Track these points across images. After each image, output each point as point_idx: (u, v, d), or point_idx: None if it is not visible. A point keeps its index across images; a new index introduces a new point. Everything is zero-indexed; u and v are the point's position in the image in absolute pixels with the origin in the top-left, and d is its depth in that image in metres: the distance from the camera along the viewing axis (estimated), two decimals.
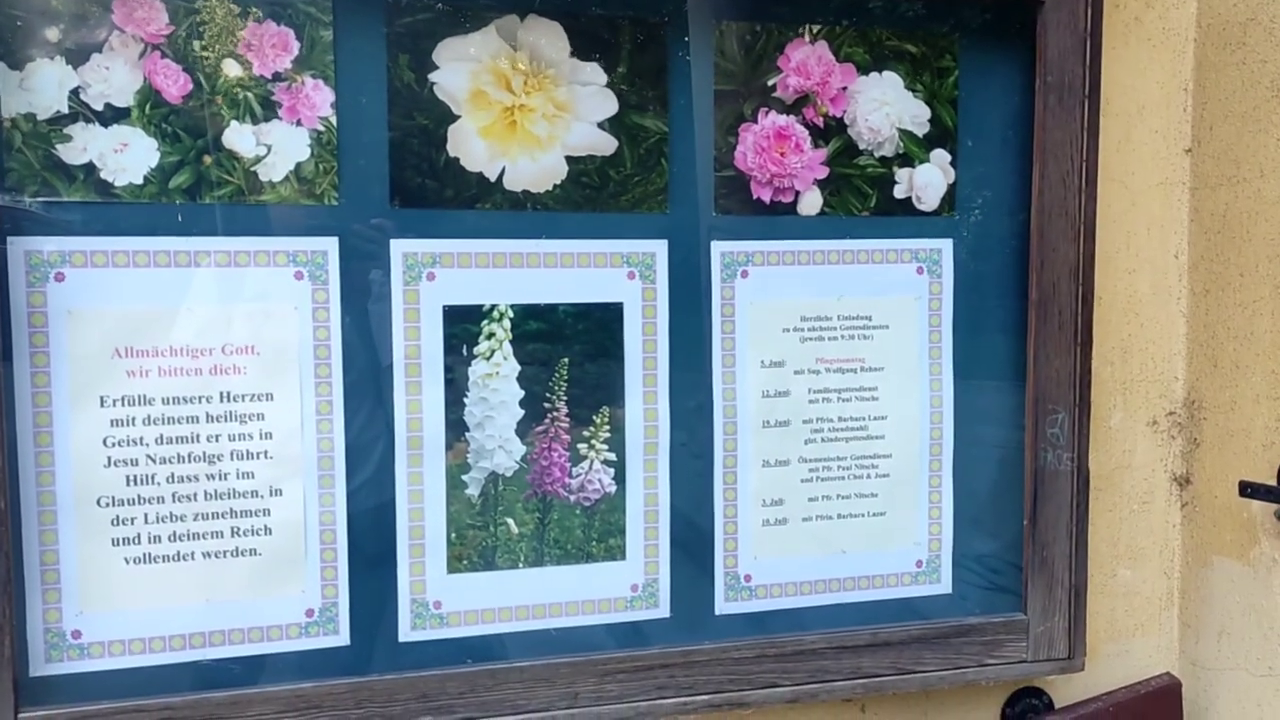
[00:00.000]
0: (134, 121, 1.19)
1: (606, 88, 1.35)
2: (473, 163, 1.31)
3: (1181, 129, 1.58)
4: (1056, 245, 1.45)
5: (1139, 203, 1.57)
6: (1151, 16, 1.55)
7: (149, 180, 1.20)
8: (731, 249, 1.42)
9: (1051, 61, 1.43)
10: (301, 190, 1.25)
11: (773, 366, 1.43)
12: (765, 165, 1.42)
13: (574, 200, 1.35)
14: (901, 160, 1.46)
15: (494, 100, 1.32)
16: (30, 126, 1.16)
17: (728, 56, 1.40)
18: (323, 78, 1.25)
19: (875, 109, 1.45)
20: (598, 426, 1.37)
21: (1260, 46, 1.46)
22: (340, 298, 1.27)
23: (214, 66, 1.21)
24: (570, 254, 1.36)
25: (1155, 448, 1.60)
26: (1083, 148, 1.44)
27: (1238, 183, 1.50)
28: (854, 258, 1.46)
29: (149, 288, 1.20)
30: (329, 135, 1.26)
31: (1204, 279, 1.56)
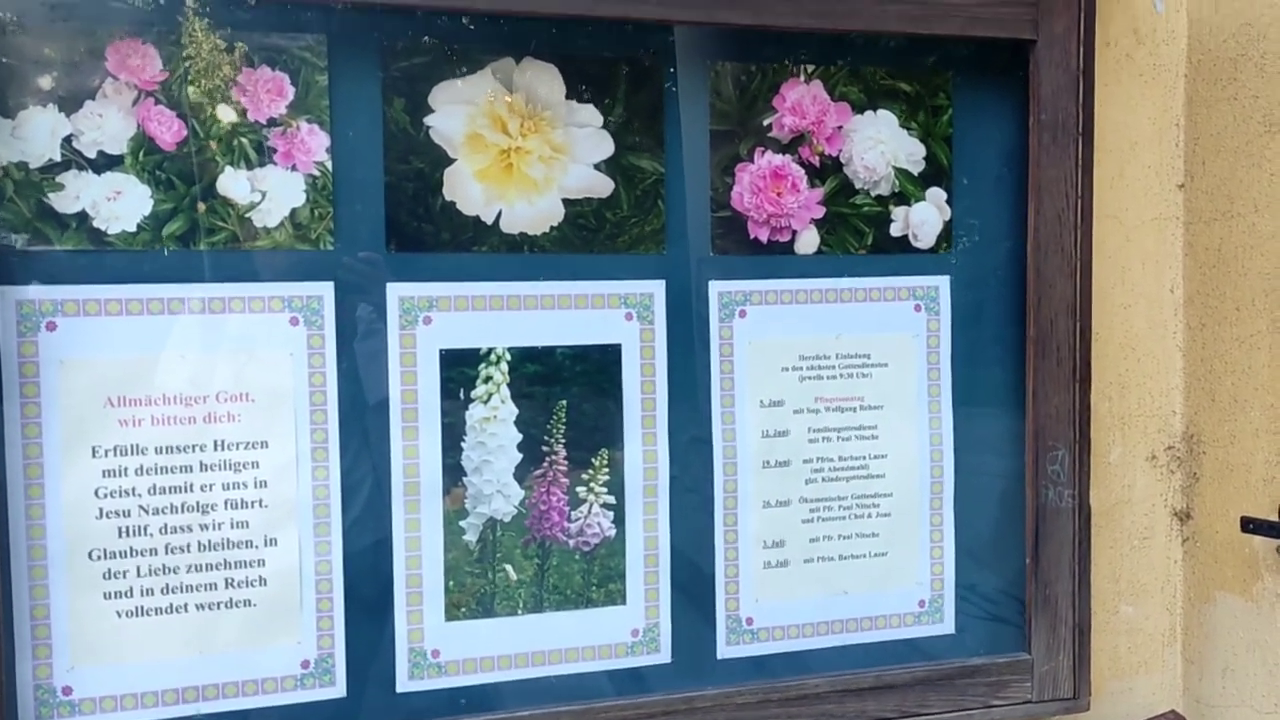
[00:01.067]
0: (127, 169, 1.18)
1: (603, 129, 1.35)
2: (469, 206, 1.30)
3: (1174, 164, 1.58)
4: (1053, 282, 1.45)
5: (1133, 238, 1.57)
6: (1142, 53, 1.56)
7: (142, 228, 1.19)
8: (729, 289, 1.41)
9: (1045, 100, 1.43)
10: (297, 235, 1.24)
11: (772, 406, 1.42)
12: (762, 205, 1.41)
13: (571, 242, 1.34)
14: (898, 198, 1.46)
15: (490, 143, 1.31)
16: (22, 175, 1.15)
17: (723, 97, 1.40)
18: (318, 122, 1.24)
19: (871, 148, 1.45)
20: (596, 469, 1.36)
21: (1251, 82, 1.47)
22: (336, 343, 1.26)
23: (208, 112, 1.21)
24: (568, 296, 1.35)
25: (1155, 482, 1.60)
26: (1077, 185, 1.45)
27: (1232, 217, 1.50)
28: (851, 296, 1.46)
29: (142, 335, 1.19)
30: (324, 180, 1.25)
31: (1200, 313, 1.56)
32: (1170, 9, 1.56)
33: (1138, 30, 1.56)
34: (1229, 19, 1.49)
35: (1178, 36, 1.57)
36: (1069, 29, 1.43)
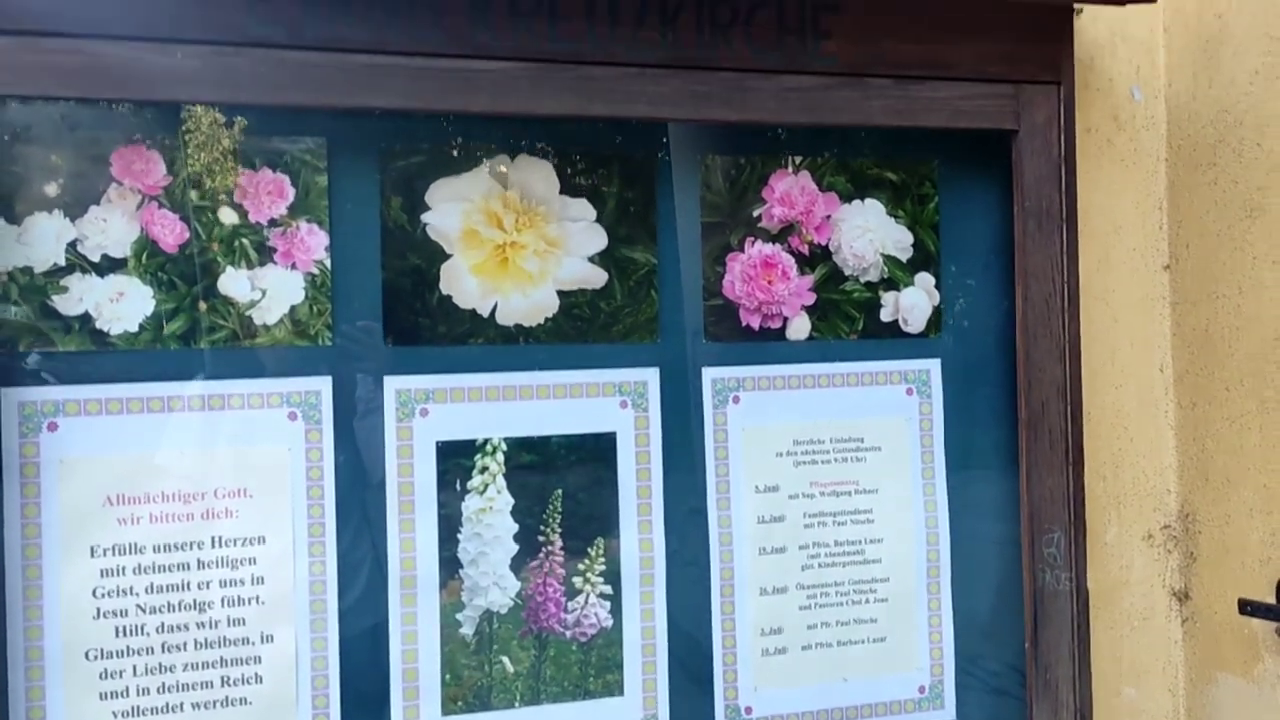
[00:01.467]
0: (130, 271, 1.21)
1: (596, 223, 1.38)
2: (465, 300, 1.33)
3: (1159, 246, 1.61)
4: (1043, 366, 1.47)
5: (1121, 319, 1.60)
6: (1123, 139, 1.60)
7: (144, 328, 1.21)
8: (723, 375, 1.43)
9: (1028, 187, 1.47)
10: (296, 331, 1.26)
11: (767, 492, 1.43)
12: (753, 293, 1.44)
13: (566, 332, 1.37)
14: (887, 284, 1.49)
15: (486, 238, 1.34)
16: (27, 279, 1.17)
17: (713, 189, 1.43)
18: (317, 222, 1.27)
19: (859, 236, 1.48)
20: (593, 559, 1.36)
21: (1230, 168, 1.50)
22: (334, 437, 1.27)
23: (210, 215, 1.24)
24: (563, 385, 1.37)
25: (1152, 562, 1.60)
26: (1063, 269, 1.47)
27: (1217, 299, 1.52)
28: (844, 380, 1.47)
29: (142, 434, 1.20)
30: (323, 277, 1.27)
31: (1190, 393, 1.58)
32: (1149, 96, 1.61)
33: (1118, 117, 1.60)
34: (1207, 106, 1.53)
35: (1157, 122, 1.61)
36: (1049, 118, 1.47)
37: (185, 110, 1.22)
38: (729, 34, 1.35)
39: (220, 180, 1.24)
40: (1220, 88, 1.51)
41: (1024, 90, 1.46)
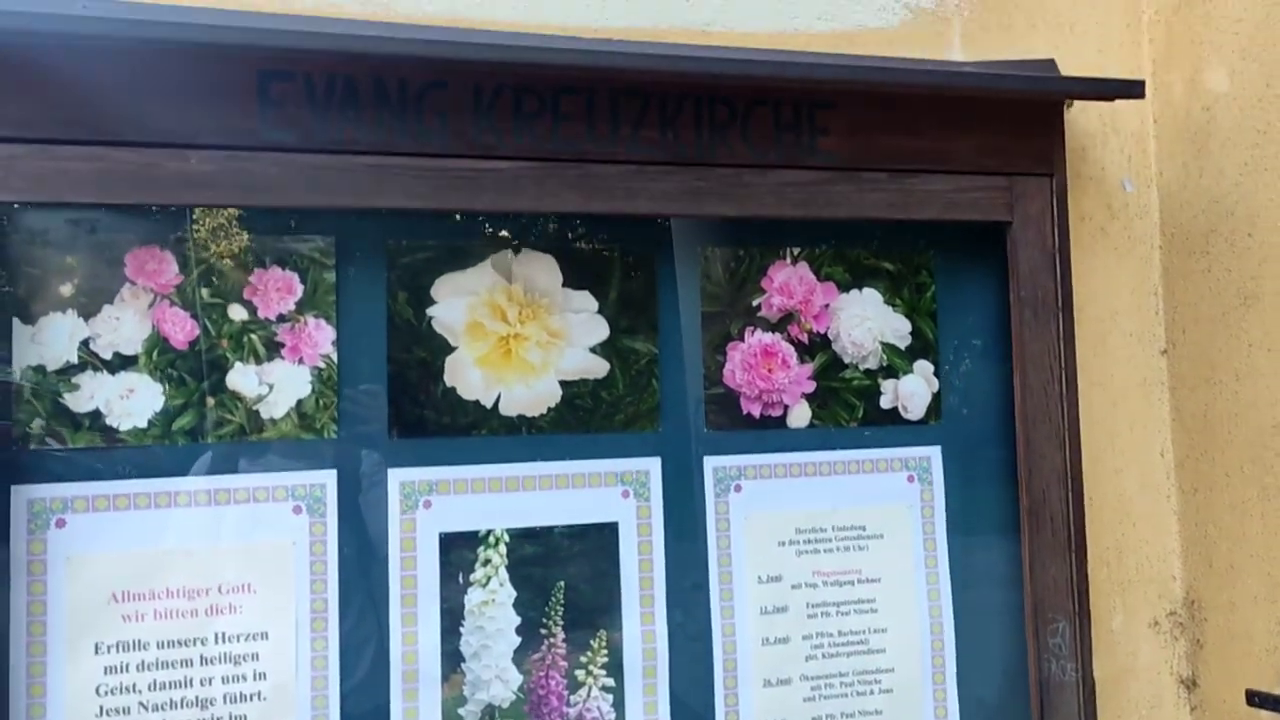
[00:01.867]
0: (141, 368, 1.23)
1: (598, 314, 1.41)
2: (469, 391, 1.35)
3: (1155, 332, 1.63)
4: (1043, 452, 1.48)
5: (1120, 403, 1.61)
6: (1116, 227, 1.63)
7: (153, 423, 1.23)
8: (724, 464, 1.44)
9: (1024, 277, 1.49)
10: (302, 425, 1.28)
11: (770, 581, 1.43)
12: (754, 382, 1.46)
13: (568, 422, 1.38)
14: (886, 372, 1.51)
15: (490, 331, 1.36)
16: (40, 377, 1.20)
17: (713, 279, 1.46)
18: (324, 317, 1.30)
19: (857, 324, 1.50)
20: (595, 651, 1.36)
21: (1223, 256, 1.52)
22: (338, 531, 1.28)
23: (220, 312, 1.26)
24: (565, 475, 1.38)
25: (1159, 649, 1.59)
26: (1060, 357, 1.49)
27: (1214, 385, 1.54)
28: (845, 468, 1.48)
29: (148, 530, 1.22)
30: (330, 371, 1.30)
31: (1191, 478, 1.58)
32: (1140, 185, 1.64)
33: (1110, 205, 1.63)
34: (1197, 195, 1.56)
35: (1150, 210, 1.64)
36: (1043, 210, 1.50)
37: (198, 211, 1.25)
38: (727, 132, 1.39)
39: (231, 278, 1.27)
40: (1210, 178, 1.54)
41: (1017, 182, 1.49)
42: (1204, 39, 1.54)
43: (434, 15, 1.38)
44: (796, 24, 1.52)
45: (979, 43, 1.58)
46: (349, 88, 1.26)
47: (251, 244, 1.28)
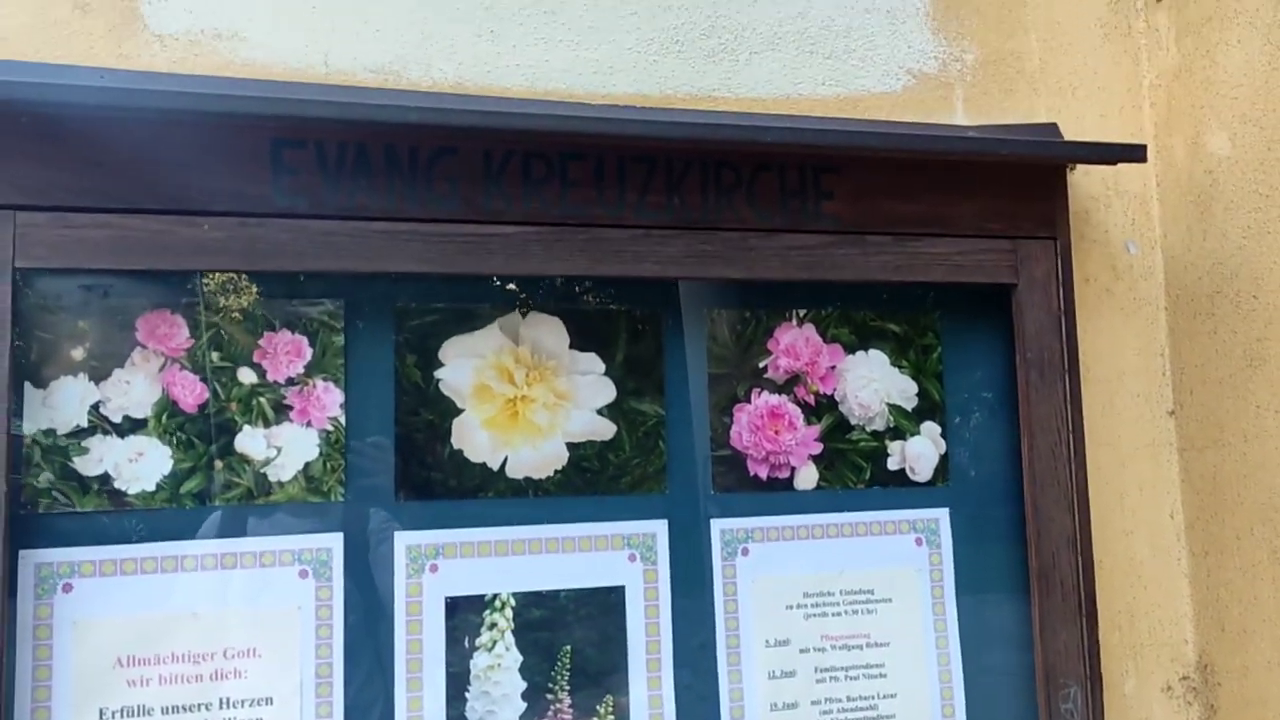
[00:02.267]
0: (150, 432, 1.24)
1: (605, 376, 1.41)
2: (476, 453, 1.35)
3: (1163, 392, 1.63)
4: (1052, 516, 1.47)
5: (1129, 464, 1.60)
6: (1121, 288, 1.63)
7: (161, 487, 1.23)
8: (731, 526, 1.44)
9: (1029, 339, 1.49)
10: (309, 488, 1.29)
11: (778, 646, 1.42)
12: (760, 443, 1.46)
13: (575, 484, 1.38)
14: (893, 433, 1.51)
15: (497, 393, 1.37)
16: (50, 441, 1.20)
17: (720, 341, 1.46)
18: (333, 380, 1.31)
19: (864, 386, 1.50)
20: (602, 716, 1.35)
21: (1229, 318, 1.53)
22: (344, 595, 1.28)
23: (230, 375, 1.27)
24: (571, 538, 1.38)
25: (1173, 715, 1.56)
26: (1068, 420, 1.49)
27: (1223, 446, 1.53)
28: (853, 530, 1.48)
29: (155, 594, 1.22)
30: (337, 434, 1.30)
31: (1202, 540, 1.57)
32: (1145, 247, 1.65)
33: (1115, 267, 1.63)
34: (1202, 258, 1.57)
35: (1155, 272, 1.65)
36: (1048, 272, 1.51)
37: (210, 276, 1.27)
38: (733, 196, 1.40)
39: (241, 342, 1.28)
40: (1214, 240, 1.54)
41: (1022, 245, 1.50)
42: (1204, 103, 1.56)
43: (444, 83, 1.40)
44: (801, 89, 1.54)
45: (981, 107, 1.60)
46: (360, 155, 1.28)
47: (262, 308, 1.29)
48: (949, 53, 1.60)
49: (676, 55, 1.49)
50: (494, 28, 1.42)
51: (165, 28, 1.31)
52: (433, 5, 1.40)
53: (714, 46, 1.51)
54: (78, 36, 1.28)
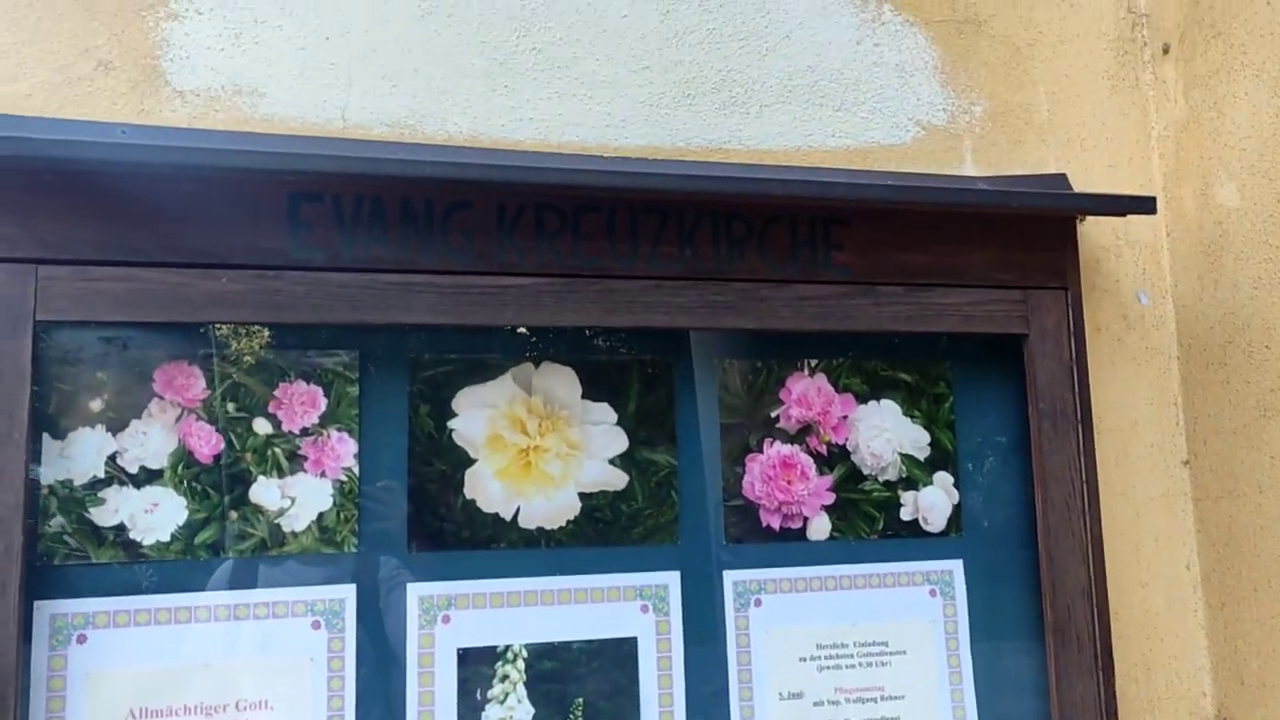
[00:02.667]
0: (166, 482, 1.24)
1: (617, 425, 1.42)
2: (489, 504, 1.35)
3: (1176, 442, 1.62)
4: (1066, 567, 1.46)
5: (1143, 515, 1.59)
6: (1133, 338, 1.64)
7: (175, 537, 1.24)
8: (744, 577, 1.43)
9: (1042, 389, 1.49)
10: (322, 539, 1.29)
11: (791, 699, 1.41)
12: (773, 493, 1.46)
13: (587, 535, 1.38)
14: (906, 483, 1.50)
15: (509, 443, 1.37)
16: (66, 492, 1.21)
17: (731, 391, 1.47)
18: (347, 430, 1.32)
19: (876, 436, 1.50)
20: None
21: (1241, 368, 1.52)
22: (356, 646, 1.28)
23: (245, 426, 1.28)
24: (584, 589, 1.37)
25: None
26: (1081, 470, 1.48)
27: (1238, 497, 1.52)
28: (866, 582, 1.47)
29: (168, 645, 1.22)
30: (351, 484, 1.31)
31: (1219, 592, 1.56)
32: (1156, 296, 1.65)
33: (1127, 316, 1.64)
34: (1213, 308, 1.57)
35: (1166, 321, 1.65)
36: (1059, 322, 1.51)
37: (226, 327, 1.28)
38: (744, 247, 1.42)
39: (256, 392, 1.29)
40: (1225, 290, 1.55)
41: (1032, 295, 1.51)
42: (1213, 154, 1.57)
43: (459, 136, 1.42)
44: (811, 141, 1.56)
45: (990, 158, 1.62)
46: (376, 208, 1.30)
47: (277, 358, 1.30)
48: (958, 105, 1.61)
49: (688, 108, 1.51)
50: (508, 82, 1.45)
51: (186, 84, 1.33)
52: (448, 61, 1.43)
53: (725, 99, 1.53)
54: (100, 93, 1.30)
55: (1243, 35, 1.53)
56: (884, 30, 1.60)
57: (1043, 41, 1.66)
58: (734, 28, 1.54)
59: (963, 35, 1.63)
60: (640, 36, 1.50)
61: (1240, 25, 1.53)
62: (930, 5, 1.62)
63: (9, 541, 1.14)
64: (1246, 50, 1.52)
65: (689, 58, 1.52)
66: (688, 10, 1.52)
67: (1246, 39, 1.53)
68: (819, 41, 1.57)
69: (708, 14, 1.53)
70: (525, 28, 1.46)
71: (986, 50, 1.64)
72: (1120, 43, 1.69)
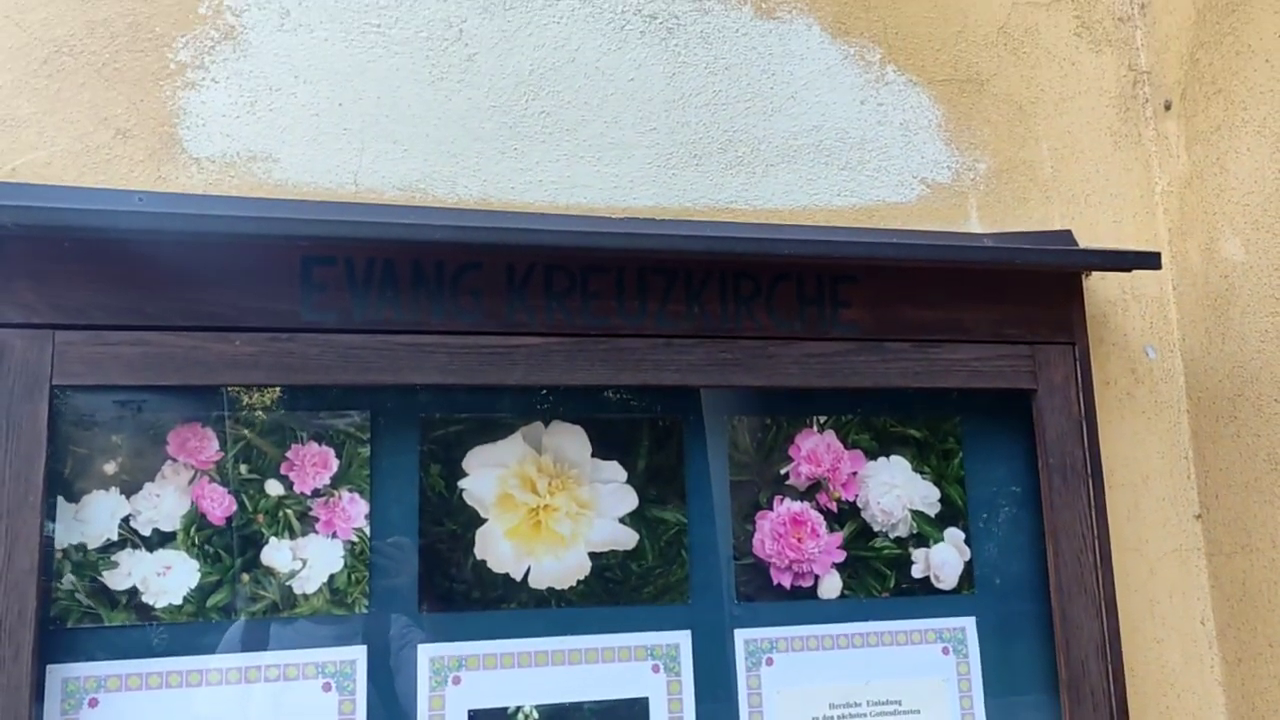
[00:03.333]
0: (179, 545, 1.25)
1: (627, 484, 1.42)
2: (499, 564, 1.36)
3: (1188, 495, 1.62)
4: (1080, 623, 1.45)
5: (1157, 570, 1.58)
6: (1142, 391, 1.64)
7: (188, 600, 1.24)
8: (755, 636, 1.43)
9: (1051, 444, 1.49)
10: (333, 600, 1.29)
11: None
12: (783, 551, 1.45)
13: (598, 595, 1.38)
14: (917, 540, 1.50)
15: (520, 502, 1.38)
16: (80, 556, 1.22)
17: (741, 448, 1.47)
18: (359, 491, 1.32)
19: (886, 492, 1.50)
20: None
21: (1251, 421, 1.52)
22: (366, 708, 1.27)
23: (257, 487, 1.29)
24: (594, 650, 1.37)
25: None
26: (1092, 525, 1.48)
27: (1251, 551, 1.52)
28: (878, 640, 1.46)
29: (180, 708, 1.22)
30: (362, 545, 1.31)
31: (1235, 648, 1.54)
32: (1164, 350, 1.65)
33: (1135, 370, 1.64)
34: (1221, 361, 1.57)
35: (1175, 375, 1.65)
36: (1067, 377, 1.52)
37: (239, 389, 1.30)
38: (752, 305, 1.43)
39: (269, 454, 1.30)
40: (1233, 344, 1.55)
41: (1040, 350, 1.51)
42: (1217, 210, 1.58)
43: (469, 199, 1.44)
44: (818, 200, 1.57)
45: (996, 214, 1.63)
46: (388, 270, 1.32)
47: (289, 420, 1.31)
48: (962, 162, 1.63)
49: (695, 168, 1.53)
50: (517, 145, 1.47)
51: (203, 151, 1.36)
52: (459, 125, 1.45)
53: (731, 159, 1.55)
54: (119, 161, 1.33)
55: (1243, 92, 1.55)
56: (888, 90, 1.62)
57: (1045, 99, 1.68)
58: (739, 89, 1.57)
59: (965, 94, 1.65)
60: (647, 99, 1.53)
61: (1240, 82, 1.55)
62: (933, 65, 1.65)
63: (23, 605, 1.15)
64: (1247, 107, 1.54)
65: (695, 119, 1.54)
66: (694, 73, 1.55)
67: (1246, 96, 1.54)
68: (824, 101, 1.59)
69: (713, 76, 1.56)
70: (534, 92, 1.49)
71: (989, 108, 1.66)
72: (1122, 99, 1.71)
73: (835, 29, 1.61)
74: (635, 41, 1.53)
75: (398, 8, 1.45)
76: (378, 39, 1.44)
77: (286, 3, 1.41)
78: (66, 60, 1.33)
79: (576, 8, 1.52)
